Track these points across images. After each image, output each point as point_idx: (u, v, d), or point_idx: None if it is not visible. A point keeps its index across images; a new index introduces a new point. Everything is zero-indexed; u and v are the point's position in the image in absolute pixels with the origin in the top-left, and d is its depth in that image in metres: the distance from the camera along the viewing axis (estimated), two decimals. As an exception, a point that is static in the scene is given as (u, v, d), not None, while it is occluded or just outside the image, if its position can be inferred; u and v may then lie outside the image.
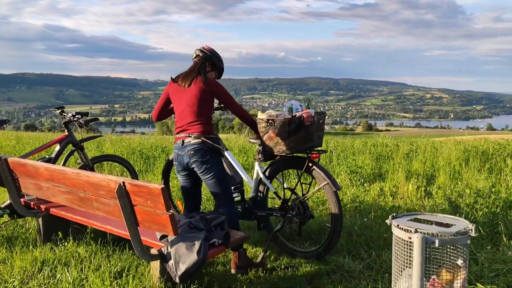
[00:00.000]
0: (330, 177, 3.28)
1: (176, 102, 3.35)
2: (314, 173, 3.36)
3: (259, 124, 3.39)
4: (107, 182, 2.60)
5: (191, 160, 3.22)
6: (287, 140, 3.27)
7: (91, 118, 4.60)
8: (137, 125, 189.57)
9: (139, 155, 8.28)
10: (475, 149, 6.66)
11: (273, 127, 3.29)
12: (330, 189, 3.27)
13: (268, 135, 3.36)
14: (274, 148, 3.35)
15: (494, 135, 55.43)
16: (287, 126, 3.24)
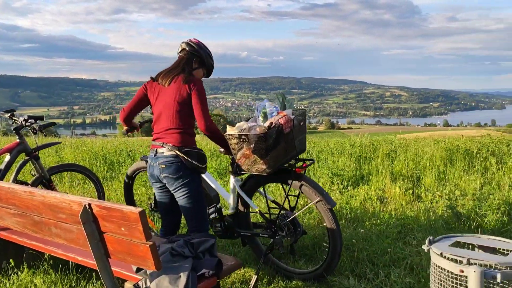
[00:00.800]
0: (322, 192, 2.84)
1: (154, 103, 2.86)
2: (303, 188, 2.90)
3: (229, 140, 2.84)
4: (68, 204, 2.09)
5: (161, 175, 2.79)
6: (266, 158, 2.75)
7: (47, 123, 3.97)
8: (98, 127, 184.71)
9: (102, 161, 7.64)
10: (457, 148, 6.45)
11: (248, 142, 2.76)
12: (325, 206, 2.83)
13: (243, 152, 2.82)
14: (251, 167, 2.85)
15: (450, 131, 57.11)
16: (264, 142, 2.70)
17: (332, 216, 2.83)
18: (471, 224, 3.67)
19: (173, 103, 2.75)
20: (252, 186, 3.18)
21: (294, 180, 2.90)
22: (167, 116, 2.78)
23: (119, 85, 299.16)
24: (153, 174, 2.85)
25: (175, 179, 2.74)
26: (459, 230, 3.65)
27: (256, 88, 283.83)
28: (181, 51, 2.99)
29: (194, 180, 2.79)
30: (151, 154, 2.85)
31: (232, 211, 3.26)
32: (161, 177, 2.79)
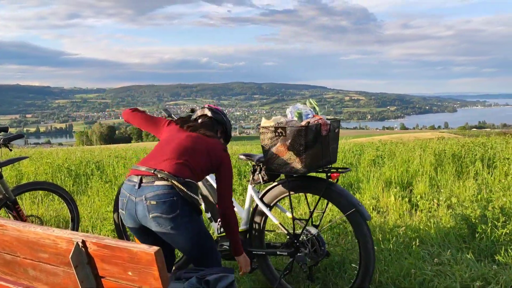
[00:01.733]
0: (357, 203, 2.52)
1: (166, 138, 2.43)
2: (334, 197, 2.57)
3: (263, 134, 2.53)
4: (53, 241, 1.63)
5: (148, 215, 2.07)
6: (303, 155, 2.44)
7: (12, 135, 3.41)
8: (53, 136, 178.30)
9: (67, 174, 7.01)
10: (444, 153, 6.31)
11: (284, 138, 2.45)
12: (359, 219, 2.51)
13: (276, 148, 2.50)
14: (283, 166, 2.51)
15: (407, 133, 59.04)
16: (303, 136, 2.41)
17: (367, 230, 2.51)
18: (486, 235, 3.41)
19: (193, 146, 2.29)
20: (273, 197, 2.82)
21: (328, 186, 2.58)
22: (173, 149, 2.25)
23: (75, 92, 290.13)
24: (132, 214, 2.11)
25: (169, 220, 2.06)
26: (474, 242, 3.40)
27: (218, 94, 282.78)
28: (201, 116, 2.59)
29: (194, 220, 2.15)
30: (129, 184, 2.14)
31: (244, 227, 2.88)
32: (146, 219, 2.07)
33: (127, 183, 2.17)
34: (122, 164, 7.35)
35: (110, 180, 6.50)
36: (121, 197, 2.18)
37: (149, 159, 2.26)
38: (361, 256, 2.55)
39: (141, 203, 2.07)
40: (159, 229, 2.09)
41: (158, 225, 2.07)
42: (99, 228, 4.37)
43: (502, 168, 5.55)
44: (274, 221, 2.74)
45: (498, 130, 78.77)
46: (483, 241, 3.34)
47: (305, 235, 2.67)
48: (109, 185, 6.21)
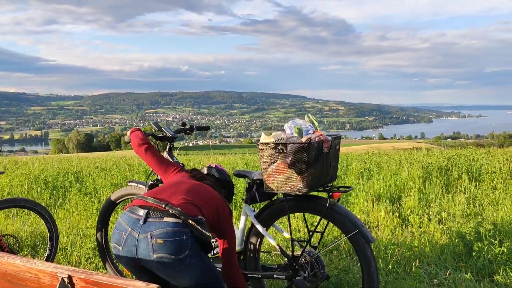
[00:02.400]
0: (360, 225, 2.40)
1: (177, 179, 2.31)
2: (336, 218, 2.44)
3: (262, 151, 2.38)
4: (35, 275, 1.45)
5: (152, 255, 1.82)
6: (304, 174, 2.30)
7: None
8: (28, 143, 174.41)
9: (43, 186, 6.72)
10: (431, 166, 6.28)
11: (284, 155, 2.31)
12: (362, 241, 2.38)
13: (276, 166, 2.36)
14: (283, 185, 2.37)
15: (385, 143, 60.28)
16: (306, 154, 2.28)
17: (370, 253, 2.38)
18: (483, 253, 3.33)
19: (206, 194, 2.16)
20: (270, 216, 2.68)
21: (330, 205, 2.44)
22: (188, 190, 2.11)
23: (51, 99, 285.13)
24: (131, 252, 1.85)
25: (177, 262, 1.83)
26: (472, 261, 3.31)
27: (198, 102, 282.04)
28: (208, 175, 2.46)
29: (203, 261, 1.93)
30: (131, 217, 1.90)
31: (238, 248, 2.73)
32: (149, 259, 1.83)
33: (129, 215, 1.91)
34: (102, 175, 7.10)
35: (90, 192, 6.24)
36: (117, 230, 1.92)
37: (158, 192, 2.06)
38: (364, 280, 2.42)
39: (145, 240, 1.83)
40: (163, 270, 1.86)
41: (162, 266, 1.84)
42: (79, 245, 4.13)
43: (490, 182, 5.53)
44: (272, 242, 2.60)
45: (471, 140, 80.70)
46: (480, 260, 3.26)
47: (304, 258, 2.53)
48: (89, 198, 5.96)
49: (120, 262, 1.95)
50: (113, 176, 6.96)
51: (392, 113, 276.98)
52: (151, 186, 2.99)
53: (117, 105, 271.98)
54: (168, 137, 2.99)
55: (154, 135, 2.99)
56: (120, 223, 1.92)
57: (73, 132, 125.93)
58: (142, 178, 6.73)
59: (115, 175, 7.03)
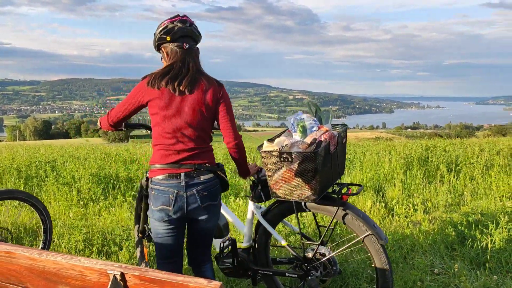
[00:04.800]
0: (374, 226, 2.37)
1: (166, 115, 2.19)
2: (348, 219, 2.40)
3: (266, 159, 2.27)
4: (80, 273, 1.40)
5: (201, 205, 2.24)
6: (312, 181, 2.22)
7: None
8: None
9: (16, 175, 6.45)
10: (410, 157, 6.46)
11: (289, 163, 2.22)
12: (376, 242, 2.36)
13: (282, 175, 2.27)
14: (291, 193, 2.30)
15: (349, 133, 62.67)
16: (313, 162, 2.17)
17: (384, 255, 2.36)
18: (476, 242, 3.46)
19: (197, 116, 2.20)
20: (278, 215, 2.63)
21: (340, 208, 2.40)
22: (189, 132, 2.21)
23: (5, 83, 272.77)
24: (182, 208, 2.21)
25: (216, 206, 2.32)
26: (465, 250, 3.44)
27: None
28: (178, 39, 2.24)
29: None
30: (172, 183, 2.19)
31: (247, 244, 2.71)
32: (198, 209, 2.24)
33: (170, 182, 2.20)
34: (78, 165, 6.87)
35: (68, 182, 6.05)
36: (162, 194, 2.21)
37: (175, 149, 2.21)
38: (378, 282, 2.40)
39: (194, 196, 2.21)
40: (208, 215, 2.27)
41: (207, 212, 2.26)
42: (67, 237, 4.01)
43: (469, 172, 5.75)
44: (282, 243, 2.57)
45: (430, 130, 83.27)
46: (473, 249, 3.39)
47: (315, 257, 2.50)
48: (68, 188, 5.78)
49: (166, 221, 2.23)
50: (90, 166, 6.76)
51: (355, 103, 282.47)
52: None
53: (76, 91, 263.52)
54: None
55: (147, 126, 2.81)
56: (162, 189, 2.20)
57: (30, 119, 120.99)
58: (121, 168, 6.59)
59: (91, 164, 6.82)
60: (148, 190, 2.34)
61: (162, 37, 2.25)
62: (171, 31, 2.23)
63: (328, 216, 2.52)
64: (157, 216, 2.23)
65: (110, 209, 5.21)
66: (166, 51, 2.28)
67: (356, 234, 2.41)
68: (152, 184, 2.23)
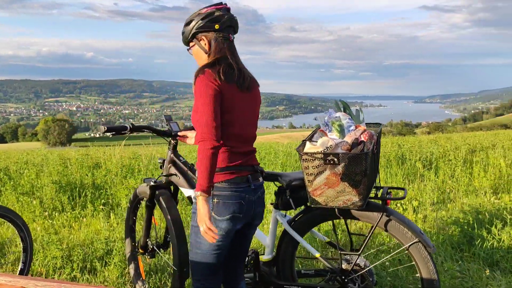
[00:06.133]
0: (420, 233, 2.19)
1: (235, 114, 1.96)
2: (391, 226, 2.21)
3: (307, 162, 2.04)
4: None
5: (262, 209, 2.16)
6: (360, 186, 2.01)
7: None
8: None
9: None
10: (388, 155, 6.46)
11: (333, 166, 2.00)
12: (423, 251, 2.18)
13: (325, 179, 2.03)
14: (333, 199, 2.06)
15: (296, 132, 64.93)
16: (363, 163, 1.97)
17: (432, 263, 2.19)
18: (485, 242, 3.38)
19: (256, 114, 2.12)
20: (307, 223, 2.39)
21: (384, 214, 2.20)
22: (251, 133, 2.09)
23: None
24: (249, 214, 2.06)
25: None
26: (474, 250, 3.36)
27: (104, 91, 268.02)
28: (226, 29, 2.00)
29: None
30: (242, 186, 2.00)
31: (269, 257, 2.46)
32: (261, 214, 2.16)
33: (239, 186, 1.99)
34: (38, 171, 6.28)
35: (28, 192, 5.50)
36: (233, 201, 1.97)
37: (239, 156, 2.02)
38: None
39: (259, 200, 2.10)
40: (261, 220, 2.20)
41: (262, 217, 2.19)
42: (42, 253, 3.55)
43: (447, 170, 5.81)
44: (314, 254, 2.34)
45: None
46: (483, 248, 3.32)
47: (353, 269, 2.30)
48: (28, 197, 5.24)
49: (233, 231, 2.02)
50: (49, 172, 6.20)
51: (301, 103, 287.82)
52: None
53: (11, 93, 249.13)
54: (170, 133, 2.60)
55: (153, 129, 2.60)
56: (233, 195, 1.98)
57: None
58: (86, 174, 6.09)
59: (51, 171, 6.25)
60: (163, 200, 2.27)
61: (208, 24, 1.97)
62: (220, 19, 1.98)
63: (366, 223, 2.33)
64: (225, 226, 1.97)
65: (81, 220, 4.76)
66: (208, 39, 2.00)
67: (400, 242, 2.23)
68: (218, 190, 1.96)
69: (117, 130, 2.46)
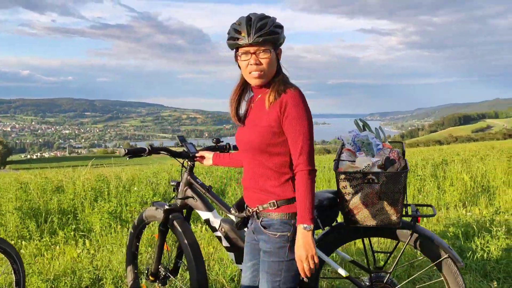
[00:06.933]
0: (449, 248, 2.21)
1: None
2: (420, 243, 2.23)
3: (343, 182, 2.06)
4: None
5: None
6: (399, 204, 2.05)
7: None
8: None
9: None
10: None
11: (370, 184, 2.02)
12: (452, 266, 2.20)
13: (364, 198, 2.05)
14: (370, 218, 2.08)
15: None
16: (402, 181, 2.01)
17: (461, 278, 2.21)
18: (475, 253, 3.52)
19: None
20: (334, 243, 2.36)
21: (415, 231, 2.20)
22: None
23: None
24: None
25: None
26: (466, 262, 3.48)
27: (42, 110, 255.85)
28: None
29: None
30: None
31: None
32: None
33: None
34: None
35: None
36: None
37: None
38: None
39: None
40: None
41: None
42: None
43: (415, 183, 6.04)
44: (342, 274, 2.26)
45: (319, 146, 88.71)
46: (474, 260, 3.45)
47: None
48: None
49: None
50: (8, 198, 5.77)
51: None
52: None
53: None
54: (188, 155, 2.53)
55: (170, 151, 2.51)
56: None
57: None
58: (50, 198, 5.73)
59: (10, 196, 5.82)
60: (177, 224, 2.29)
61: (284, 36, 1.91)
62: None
63: (389, 240, 2.34)
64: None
65: (53, 248, 4.46)
66: (280, 54, 1.93)
67: (429, 259, 2.26)
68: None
69: (136, 153, 2.35)
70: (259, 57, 1.82)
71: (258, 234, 1.94)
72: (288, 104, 1.79)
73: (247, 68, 1.84)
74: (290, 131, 1.80)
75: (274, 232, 1.86)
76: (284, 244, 1.85)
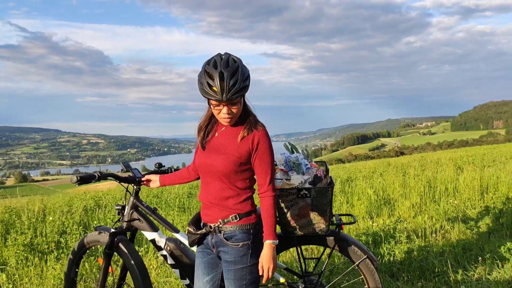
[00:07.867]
0: (367, 250, 2.57)
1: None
2: (343, 247, 2.55)
3: (283, 197, 2.35)
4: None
5: None
6: (327, 214, 2.39)
7: None
8: None
9: None
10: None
11: (303, 199, 2.34)
12: (370, 266, 2.54)
13: (298, 210, 2.36)
14: (304, 228, 2.40)
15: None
16: (329, 195, 2.36)
17: (378, 276, 2.56)
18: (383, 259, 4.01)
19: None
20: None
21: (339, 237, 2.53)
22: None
23: None
24: None
25: None
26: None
27: None
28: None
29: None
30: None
31: None
32: None
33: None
34: None
35: None
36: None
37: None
38: None
39: None
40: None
41: None
42: None
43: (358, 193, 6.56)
44: (281, 280, 2.55)
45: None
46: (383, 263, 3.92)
47: None
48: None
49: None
50: None
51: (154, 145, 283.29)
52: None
53: None
54: (135, 179, 2.63)
55: (118, 177, 2.59)
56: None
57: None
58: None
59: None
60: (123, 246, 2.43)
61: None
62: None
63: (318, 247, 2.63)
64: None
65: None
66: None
67: (351, 260, 2.60)
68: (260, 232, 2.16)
69: (87, 179, 2.40)
70: (231, 108, 2.05)
71: (219, 247, 2.14)
72: (260, 141, 2.08)
73: (219, 114, 2.08)
74: (259, 163, 2.09)
75: (236, 242, 2.10)
76: (246, 252, 2.10)
